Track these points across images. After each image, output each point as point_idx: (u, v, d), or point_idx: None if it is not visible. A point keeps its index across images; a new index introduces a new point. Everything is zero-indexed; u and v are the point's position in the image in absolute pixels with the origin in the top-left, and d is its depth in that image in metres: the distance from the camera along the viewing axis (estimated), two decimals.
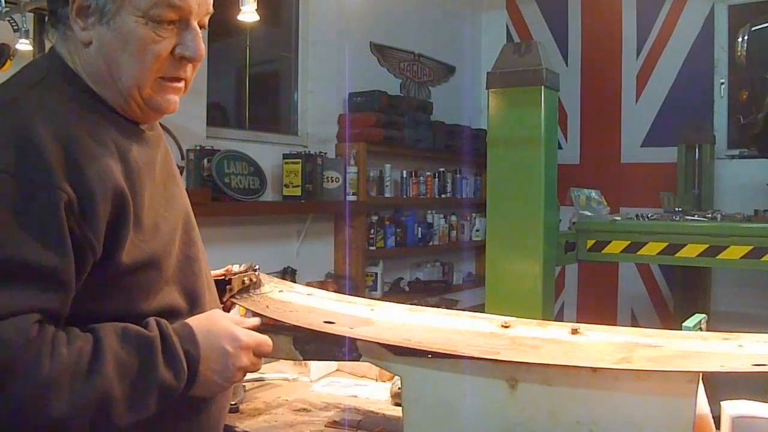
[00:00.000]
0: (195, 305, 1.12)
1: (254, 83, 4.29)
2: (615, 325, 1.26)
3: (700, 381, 1.00)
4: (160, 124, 1.21)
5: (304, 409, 1.57)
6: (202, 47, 1.06)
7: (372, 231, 4.54)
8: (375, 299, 1.60)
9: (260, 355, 1.15)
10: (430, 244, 5.08)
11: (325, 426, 1.46)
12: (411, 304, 1.66)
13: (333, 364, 1.87)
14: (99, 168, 0.95)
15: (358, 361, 1.22)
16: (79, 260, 0.92)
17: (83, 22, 1.01)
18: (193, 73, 1.10)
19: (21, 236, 0.86)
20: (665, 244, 3.02)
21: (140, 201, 1.02)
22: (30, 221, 0.87)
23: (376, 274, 4.62)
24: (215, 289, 1.27)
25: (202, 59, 1.08)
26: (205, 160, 3.57)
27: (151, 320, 1.00)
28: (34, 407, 0.85)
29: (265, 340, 1.15)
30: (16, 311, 0.85)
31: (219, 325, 1.08)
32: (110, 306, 0.99)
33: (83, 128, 0.98)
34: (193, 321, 1.06)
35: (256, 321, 1.17)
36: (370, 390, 1.71)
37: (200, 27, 1.08)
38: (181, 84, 1.08)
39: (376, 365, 1.24)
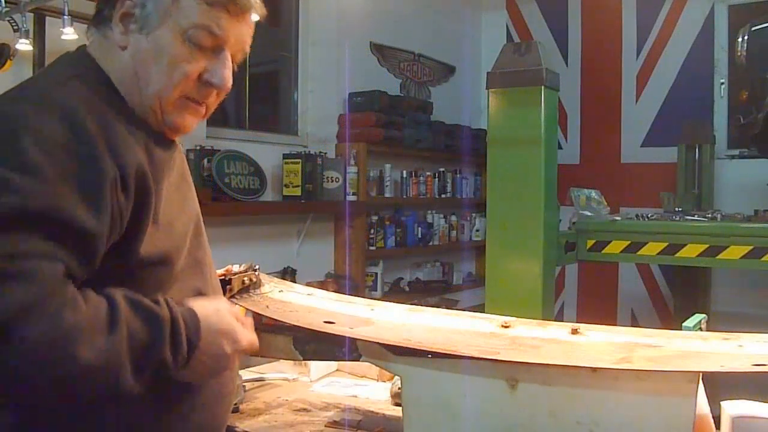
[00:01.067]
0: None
1: (254, 83, 4.29)
2: (615, 325, 1.26)
3: (700, 381, 1.00)
4: None
5: (304, 409, 1.57)
6: (230, 78, 1.10)
7: (372, 231, 4.54)
8: (375, 299, 1.60)
9: (249, 353, 1.16)
10: (430, 244, 5.08)
11: (325, 426, 1.46)
12: (411, 304, 1.66)
13: (333, 364, 1.87)
14: (132, 153, 0.99)
15: (358, 361, 1.22)
16: (109, 234, 0.94)
17: (124, 27, 1.05)
18: (216, 102, 1.14)
19: (68, 195, 0.89)
20: (665, 244, 3.02)
21: (159, 197, 1.04)
22: (80, 186, 0.90)
23: (376, 274, 4.62)
24: (221, 291, 1.28)
25: (227, 90, 1.11)
26: (205, 160, 3.57)
27: (161, 299, 1.00)
28: (63, 350, 0.85)
29: (256, 341, 1.14)
30: (53, 257, 0.87)
31: (224, 322, 1.07)
32: None
33: (115, 118, 1.01)
34: (200, 310, 1.05)
35: (249, 319, 1.16)
36: (370, 390, 1.71)
37: (234, 61, 1.12)
38: (202, 108, 1.12)
39: (376, 365, 1.24)
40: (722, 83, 4.89)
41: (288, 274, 3.97)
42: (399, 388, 1.32)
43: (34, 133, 0.90)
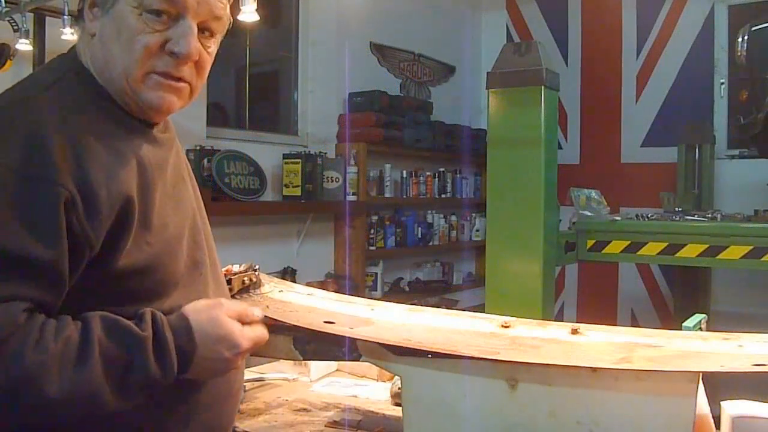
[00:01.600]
0: None
1: (254, 83, 4.29)
2: (615, 325, 1.26)
3: (700, 381, 1.00)
4: None
5: (304, 409, 1.57)
6: (194, 45, 1.04)
7: (372, 231, 4.54)
8: (375, 299, 1.60)
9: (255, 350, 1.13)
10: (430, 244, 5.08)
11: (325, 426, 1.46)
12: (411, 304, 1.66)
13: (333, 364, 1.87)
14: (107, 174, 0.96)
15: (358, 361, 1.22)
16: (77, 256, 0.93)
17: (92, 14, 1.04)
18: (200, 78, 1.09)
19: (16, 229, 0.88)
20: (665, 244, 3.02)
21: (151, 202, 1.03)
22: (27, 215, 0.89)
23: (376, 274, 4.62)
24: (227, 293, 1.27)
25: (197, 58, 1.06)
26: (205, 160, 3.57)
27: (147, 313, 0.98)
28: (27, 387, 0.85)
29: (263, 336, 1.12)
30: (7, 298, 0.87)
31: (220, 329, 1.04)
32: (116, 311, 0.98)
33: (95, 133, 0.99)
34: (194, 317, 1.02)
35: (259, 314, 1.13)
36: (370, 390, 1.71)
37: (208, 31, 1.07)
38: (181, 84, 1.07)
39: (376, 365, 1.24)
40: (722, 83, 4.89)
41: (288, 274, 3.97)
42: (399, 388, 1.32)
43: None
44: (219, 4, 1.07)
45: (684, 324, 1.35)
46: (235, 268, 1.43)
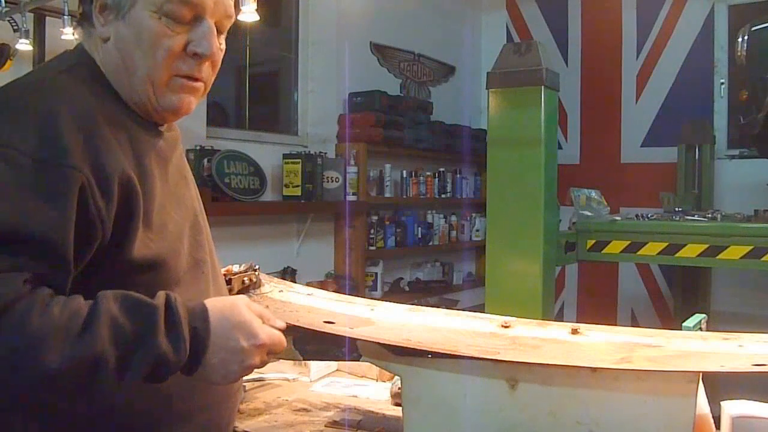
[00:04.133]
0: None
1: (254, 83, 4.29)
2: (615, 325, 1.26)
3: (700, 381, 1.00)
4: None
5: (304, 409, 1.57)
6: (216, 44, 1.07)
7: (372, 231, 4.54)
8: (375, 299, 1.60)
9: (273, 354, 1.08)
10: (430, 244, 5.08)
11: (325, 426, 1.46)
12: (411, 304, 1.66)
13: (333, 364, 1.87)
14: (114, 156, 0.97)
15: (358, 361, 1.22)
16: (90, 239, 0.93)
17: (103, 18, 1.04)
18: (213, 75, 1.11)
19: (25, 209, 0.88)
20: (665, 244, 3.02)
21: (151, 199, 1.03)
22: (39, 197, 0.89)
23: (376, 274, 4.62)
24: (226, 293, 1.27)
25: (216, 57, 1.08)
26: (205, 160, 3.57)
27: (161, 292, 0.96)
28: (27, 357, 0.83)
29: (282, 340, 1.07)
30: (10, 269, 0.86)
31: (239, 315, 1.01)
32: None
33: (103, 117, 1.00)
34: (212, 302, 1.01)
35: (282, 324, 1.09)
36: (370, 390, 1.71)
37: (220, 29, 1.09)
38: (198, 84, 1.09)
39: (376, 365, 1.24)
40: (722, 83, 4.89)
41: (288, 274, 3.97)
42: (399, 388, 1.32)
43: (6, 148, 0.90)
44: (230, 3, 1.09)
45: (684, 324, 1.35)
46: (235, 268, 1.44)
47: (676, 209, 3.71)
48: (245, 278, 1.42)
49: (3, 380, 0.84)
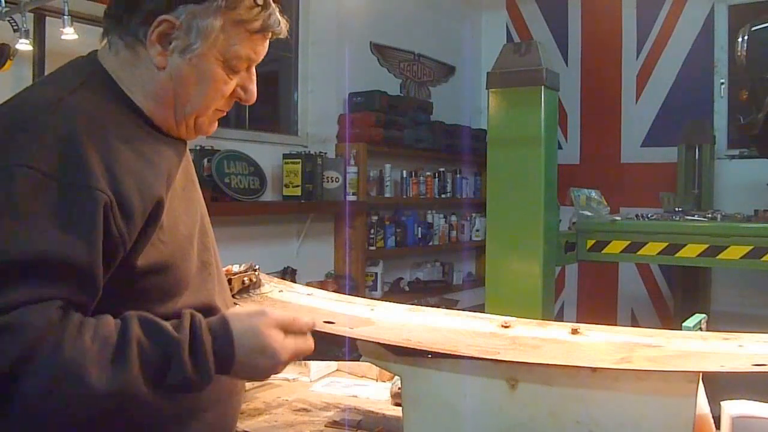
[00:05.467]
0: (210, 309, 1.12)
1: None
2: (615, 325, 1.26)
3: (700, 381, 1.00)
4: None
5: (304, 409, 1.57)
6: (255, 92, 1.16)
7: (372, 231, 4.54)
8: (375, 299, 1.60)
9: (299, 358, 1.12)
10: (430, 244, 5.08)
11: (325, 426, 1.46)
12: (411, 304, 1.66)
13: (333, 364, 1.87)
14: (137, 178, 0.99)
15: (358, 361, 1.22)
16: (113, 258, 0.95)
17: (162, 48, 1.05)
18: None
19: (56, 233, 0.89)
20: (665, 244, 3.02)
21: (165, 206, 1.04)
22: (66, 220, 0.90)
23: (376, 274, 4.62)
24: (229, 294, 1.28)
25: (253, 102, 1.17)
26: (205, 160, 3.57)
27: (186, 314, 0.99)
28: (72, 382, 0.86)
29: (306, 347, 1.09)
30: (41, 299, 0.88)
31: (260, 338, 1.02)
32: (129, 309, 0.99)
33: (121, 137, 1.01)
34: (234, 323, 1.02)
35: (309, 324, 1.10)
36: (370, 390, 1.71)
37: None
38: (224, 113, 1.17)
39: (376, 365, 1.24)
40: (722, 83, 4.89)
41: (288, 274, 3.97)
42: (399, 388, 1.32)
43: (28, 168, 0.90)
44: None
45: (684, 324, 1.35)
46: (235, 268, 1.44)
47: (676, 209, 3.71)
48: (245, 278, 1.43)
49: (54, 410, 0.86)
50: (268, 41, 1.14)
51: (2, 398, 0.84)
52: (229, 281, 1.37)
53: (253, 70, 1.14)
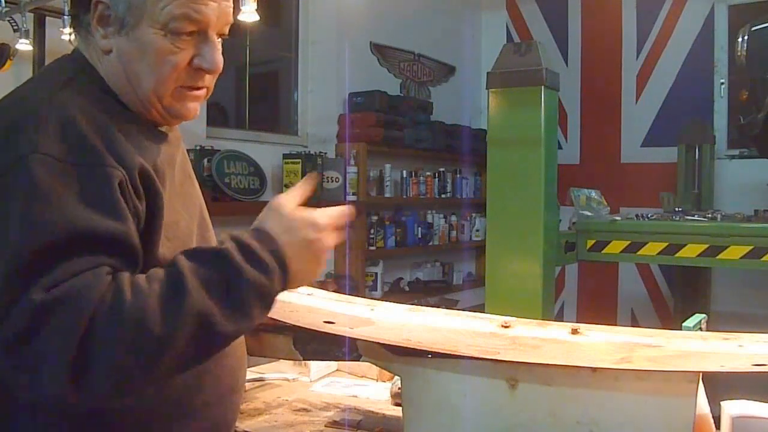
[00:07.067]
0: None
1: (254, 83, 4.29)
2: (615, 325, 1.26)
3: (700, 381, 1.00)
4: None
5: (304, 409, 1.57)
6: (220, 59, 1.08)
7: (372, 231, 4.54)
8: (375, 299, 1.60)
9: (342, 224, 1.12)
10: (430, 244, 5.07)
11: (325, 426, 1.46)
12: (411, 304, 1.66)
13: (333, 364, 1.87)
14: (131, 155, 0.99)
15: (358, 361, 1.22)
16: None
17: (104, 30, 1.04)
18: (214, 79, 1.13)
19: (84, 210, 0.90)
20: (665, 244, 3.02)
21: (161, 200, 1.04)
22: (90, 197, 0.91)
23: (376, 274, 4.62)
24: None
25: (220, 70, 1.09)
26: (205, 160, 3.57)
27: (225, 234, 1.00)
28: (137, 337, 0.86)
29: (341, 210, 1.12)
30: (89, 268, 0.89)
31: (292, 217, 1.05)
32: None
33: (110, 121, 1.01)
34: (265, 223, 1.04)
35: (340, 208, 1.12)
36: (370, 390, 1.71)
37: (220, 36, 1.10)
38: (201, 92, 1.11)
39: (376, 365, 1.24)
40: (722, 83, 4.89)
41: None
42: (399, 388, 1.32)
43: (41, 155, 0.91)
44: (230, 11, 1.10)
45: (684, 324, 1.35)
46: None
47: (676, 209, 3.71)
48: None
49: (119, 360, 0.86)
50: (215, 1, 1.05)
51: (85, 365, 0.84)
52: None
53: (213, 36, 1.07)
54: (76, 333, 0.84)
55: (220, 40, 1.10)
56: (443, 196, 5.17)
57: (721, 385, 1.36)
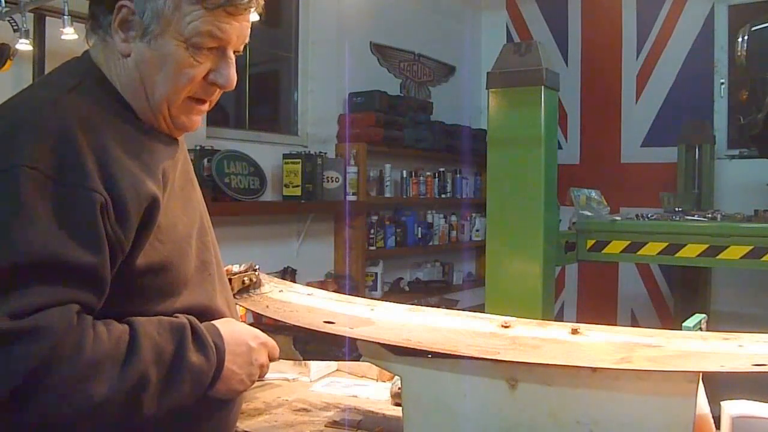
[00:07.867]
0: (209, 308, 1.13)
1: (254, 83, 4.29)
2: (615, 325, 1.26)
3: (700, 381, 1.00)
4: None
5: (304, 409, 1.57)
6: (234, 76, 1.10)
7: (372, 231, 4.54)
8: (375, 299, 1.60)
9: (272, 357, 1.19)
10: (430, 244, 5.08)
11: (325, 426, 1.46)
12: (411, 304, 1.66)
13: (333, 364, 1.87)
14: (132, 178, 0.99)
15: (358, 361, 1.22)
16: (112, 260, 0.96)
17: (124, 34, 1.05)
18: (219, 95, 1.14)
19: (61, 235, 0.90)
20: (665, 244, 3.02)
21: (161, 204, 1.04)
22: (69, 222, 0.92)
23: (376, 274, 4.62)
24: (230, 292, 1.29)
25: (233, 88, 1.11)
26: (205, 160, 3.57)
27: (180, 315, 1.05)
28: (77, 390, 0.88)
29: (275, 344, 1.20)
30: (59, 302, 0.89)
31: (240, 326, 1.15)
32: (128, 309, 1.00)
33: (117, 137, 1.02)
34: (216, 322, 1.11)
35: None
36: (370, 390, 1.71)
37: (235, 52, 1.11)
38: (206, 106, 1.13)
39: (376, 365, 1.24)
40: (722, 83, 4.89)
41: (288, 274, 3.97)
42: (399, 388, 1.32)
43: (30, 168, 0.91)
44: (248, 30, 1.11)
45: (684, 324, 1.35)
46: (235, 268, 1.44)
47: (676, 209, 3.71)
48: (245, 278, 1.43)
49: (52, 408, 0.87)
50: (241, 19, 1.07)
51: (23, 398, 0.85)
52: (229, 281, 1.37)
53: (230, 54, 1.09)
54: (26, 369, 0.85)
55: (234, 56, 1.12)
56: (443, 196, 5.17)
57: (721, 385, 1.36)
